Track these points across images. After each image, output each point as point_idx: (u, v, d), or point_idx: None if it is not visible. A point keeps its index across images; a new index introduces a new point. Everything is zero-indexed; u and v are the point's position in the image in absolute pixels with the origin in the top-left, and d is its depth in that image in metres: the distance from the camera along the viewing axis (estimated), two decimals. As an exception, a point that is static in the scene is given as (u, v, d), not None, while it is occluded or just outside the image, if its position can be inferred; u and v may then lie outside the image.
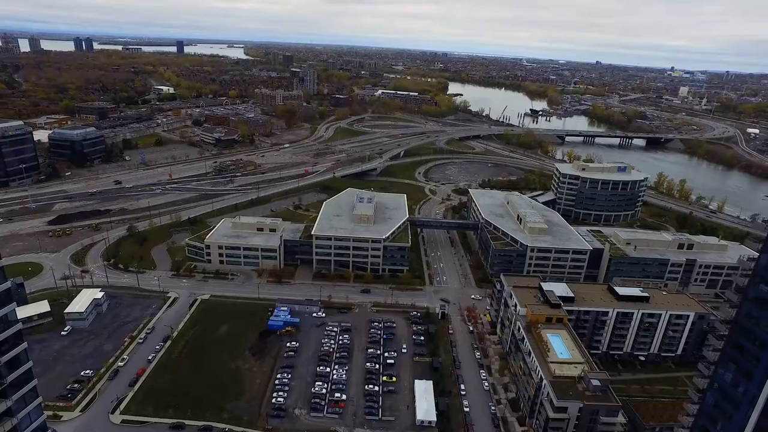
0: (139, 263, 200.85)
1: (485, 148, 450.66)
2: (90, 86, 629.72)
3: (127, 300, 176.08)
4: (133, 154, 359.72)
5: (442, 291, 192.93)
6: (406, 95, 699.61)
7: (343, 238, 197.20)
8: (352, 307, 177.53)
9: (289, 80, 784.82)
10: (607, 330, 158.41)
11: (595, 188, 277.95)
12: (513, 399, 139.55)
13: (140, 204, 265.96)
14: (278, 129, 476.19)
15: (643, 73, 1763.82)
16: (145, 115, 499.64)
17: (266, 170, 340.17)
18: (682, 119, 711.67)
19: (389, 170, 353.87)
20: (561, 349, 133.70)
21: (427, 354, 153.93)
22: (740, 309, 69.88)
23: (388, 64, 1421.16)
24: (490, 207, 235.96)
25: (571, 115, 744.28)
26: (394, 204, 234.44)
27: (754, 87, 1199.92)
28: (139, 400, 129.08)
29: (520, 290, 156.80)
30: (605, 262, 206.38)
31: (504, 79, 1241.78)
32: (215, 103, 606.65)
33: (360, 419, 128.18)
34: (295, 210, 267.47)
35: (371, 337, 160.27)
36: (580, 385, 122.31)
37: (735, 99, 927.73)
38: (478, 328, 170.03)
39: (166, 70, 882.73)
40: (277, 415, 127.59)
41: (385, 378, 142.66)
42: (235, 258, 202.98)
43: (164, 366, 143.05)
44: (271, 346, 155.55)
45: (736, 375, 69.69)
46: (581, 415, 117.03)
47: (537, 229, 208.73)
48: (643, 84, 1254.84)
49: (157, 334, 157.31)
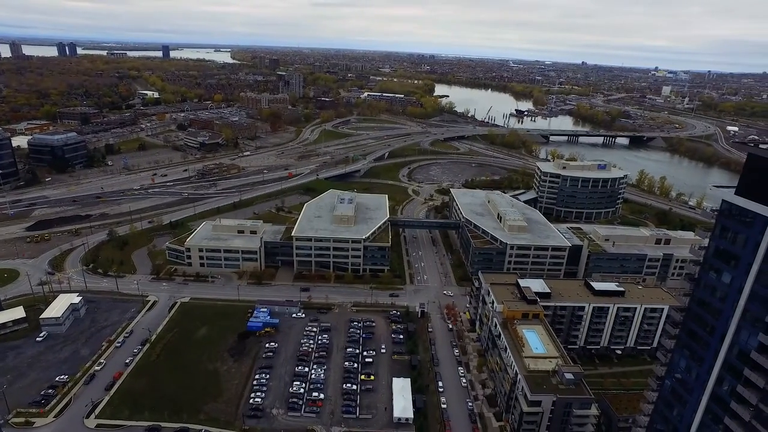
0: (118, 267, 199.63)
1: (469, 148, 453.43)
2: (73, 91, 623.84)
3: (106, 304, 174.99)
4: (115, 159, 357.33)
5: (423, 290, 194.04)
6: (391, 97, 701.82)
7: (323, 238, 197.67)
8: (332, 307, 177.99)
9: (275, 84, 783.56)
10: (584, 325, 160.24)
11: (575, 186, 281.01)
12: (490, 395, 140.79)
13: (122, 209, 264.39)
14: (263, 132, 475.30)
15: (628, 73, 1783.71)
16: (129, 120, 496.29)
17: (250, 173, 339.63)
18: (665, 118, 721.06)
19: (373, 171, 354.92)
20: (536, 344, 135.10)
21: (405, 352, 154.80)
22: (692, 297, 71.67)
23: (375, 67, 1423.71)
24: (471, 206, 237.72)
25: (556, 115, 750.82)
26: (375, 204, 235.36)
27: (735, 86, 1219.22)
28: (114, 403, 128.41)
29: (497, 287, 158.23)
30: (584, 258, 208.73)
31: (490, 80, 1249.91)
32: (200, 107, 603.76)
33: (337, 418, 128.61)
34: (277, 212, 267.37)
35: (350, 337, 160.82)
36: (554, 378, 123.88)
37: (716, 98, 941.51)
38: (457, 325, 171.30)
39: (151, 75, 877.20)
40: (254, 416, 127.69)
41: (363, 377, 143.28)
42: (216, 260, 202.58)
43: (141, 369, 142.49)
44: (250, 347, 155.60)
45: (690, 361, 71.40)
46: (555, 408, 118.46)
47: (516, 227, 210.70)
48: (628, 84, 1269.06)
49: (135, 337, 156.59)
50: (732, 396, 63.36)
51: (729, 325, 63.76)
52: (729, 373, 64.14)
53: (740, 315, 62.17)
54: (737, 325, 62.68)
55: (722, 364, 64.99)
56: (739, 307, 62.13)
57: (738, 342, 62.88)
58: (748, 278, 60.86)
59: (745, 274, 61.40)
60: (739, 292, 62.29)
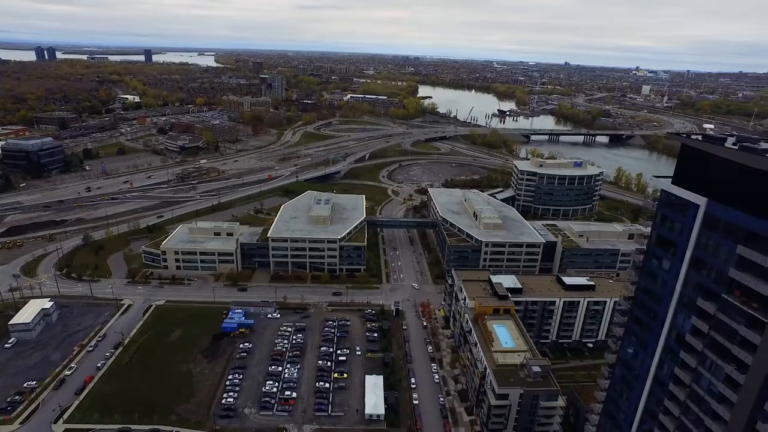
0: (93, 272, 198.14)
1: (451, 148, 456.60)
2: (51, 96, 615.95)
3: (79, 309, 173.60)
4: (93, 164, 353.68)
5: (399, 288, 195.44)
6: (374, 99, 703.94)
7: (299, 239, 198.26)
8: (307, 307, 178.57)
9: (258, 87, 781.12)
10: (555, 319, 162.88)
11: (552, 183, 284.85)
12: (462, 390, 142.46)
13: (98, 213, 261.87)
14: (244, 135, 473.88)
15: (610, 72, 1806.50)
16: (109, 125, 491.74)
17: (230, 176, 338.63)
18: (644, 116, 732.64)
19: (354, 173, 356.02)
20: (506, 338, 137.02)
21: (379, 350, 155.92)
22: (638, 285, 73.87)
23: (359, 69, 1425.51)
24: (448, 205, 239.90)
25: (538, 114, 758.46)
26: (352, 205, 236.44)
27: (712, 85, 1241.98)
28: (84, 407, 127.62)
29: (470, 284, 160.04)
30: (559, 254, 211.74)
31: (474, 81, 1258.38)
32: (182, 111, 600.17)
33: (309, 416, 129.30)
34: (256, 214, 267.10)
35: (325, 336, 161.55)
36: (522, 372, 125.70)
37: (694, 96, 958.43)
38: (432, 323, 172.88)
39: (133, 79, 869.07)
40: (226, 415, 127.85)
41: (336, 375, 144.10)
42: (192, 263, 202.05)
43: (113, 373, 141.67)
44: (224, 348, 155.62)
45: (637, 347, 73.56)
46: (522, 401, 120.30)
47: (492, 224, 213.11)
48: (609, 83, 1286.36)
49: (108, 341, 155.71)
50: (670, 378, 65.53)
51: (668, 310, 65.96)
52: (668, 357, 66.33)
53: (677, 300, 64.39)
54: (675, 310, 64.90)
55: (662, 349, 67.21)
56: (676, 293, 64.35)
57: (675, 326, 65.09)
58: (683, 264, 63.06)
59: (681, 261, 63.62)
60: (676, 278, 64.50)
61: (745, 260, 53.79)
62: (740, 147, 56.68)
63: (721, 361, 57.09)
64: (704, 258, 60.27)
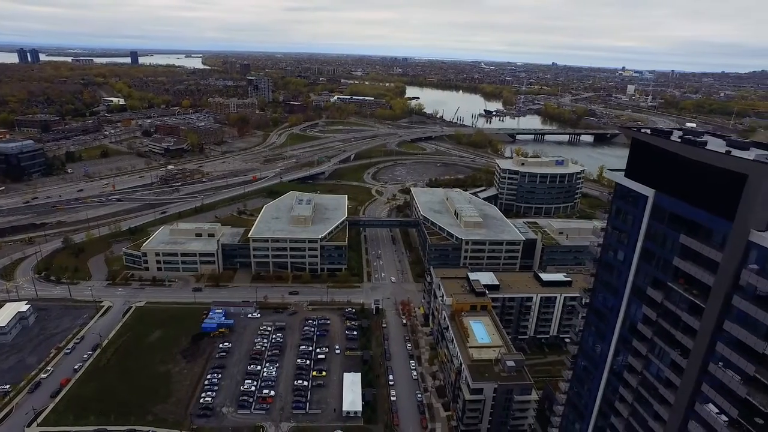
0: (72, 274, 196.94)
1: (436, 148, 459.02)
2: (33, 99, 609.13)
3: (57, 312, 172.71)
4: (76, 167, 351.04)
5: (380, 287, 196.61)
6: (361, 100, 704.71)
7: (280, 239, 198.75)
8: (288, 306, 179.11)
9: (245, 89, 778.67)
10: (533, 315, 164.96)
11: (534, 182, 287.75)
12: (440, 386, 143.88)
13: (79, 216, 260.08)
14: (230, 137, 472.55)
15: (596, 73, 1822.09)
16: (92, 127, 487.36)
17: (214, 178, 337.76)
18: (629, 116, 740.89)
19: (338, 173, 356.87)
20: (482, 334, 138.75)
21: (358, 348, 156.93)
22: (596, 277, 75.71)
23: (348, 70, 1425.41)
24: (430, 204, 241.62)
25: (524, 114, 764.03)
26: (335, 205, 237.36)
27: (696, 85, 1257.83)
28: (60, 410, 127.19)
29: (448, 281, 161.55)
30: (539, 251, 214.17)
31: (462, 81, 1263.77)
32: (167, 113, 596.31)
33: (287, 414, 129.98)
34: (239, 215, 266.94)
35: (304, 335, 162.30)
36: (497, 367, 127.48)
37: (678, 96, 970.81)
38: (411, 320, 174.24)
39: (118, 81, 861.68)
40: (204, 415, 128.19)
41: (315, 373, 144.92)
42: (173, 264, 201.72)
43: (90, 374, 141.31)
44: (204, 348, 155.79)
45: (596, 338, 75.38)
46: (496, 395, 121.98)
47: (472, 222, 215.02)
48: (596, 83, 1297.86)
49: (86, 343, 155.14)
50: (624, 366, 67.37)
51: (622, 300, 67.79)
52: (623, 346, 68.15)
53: (630, 290, 66.24)
54: (628, 299, 66.74)
55: (618, 338, 69.02)
56: (629, 283, 66.20)
57: (629, 316, 66.95)
58: (635, 255, 64.91)
59: (633, 251, 65.47)
60: (629, 268, 66.34)
61: (687, 249, 55.67)
62: (683, 140, 58.59)
63: (667, 348, 58.97)
64: (653, 248, 62.16)
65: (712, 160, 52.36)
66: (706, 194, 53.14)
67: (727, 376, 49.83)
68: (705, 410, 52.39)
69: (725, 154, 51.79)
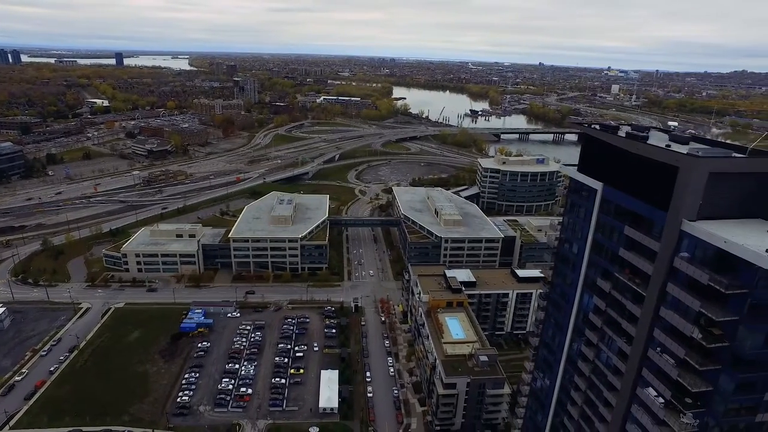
0: (50, 277, 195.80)
1: (420, 148, 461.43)
2: (14, 101, 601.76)
3: (34, 314, 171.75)
4: (57, 169, 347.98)
5: (360, 285, 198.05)
6: (347, 101, 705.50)
7: (260, 239, 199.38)
8: (267, 305, 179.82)
9: (231, 90, 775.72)
10: (509, 311, 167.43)
11: (515, 180, 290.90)
12: (416, 382, 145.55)
13: (59, 218, 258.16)
14: (215, 138, 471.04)
15: (583, 72, 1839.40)
16: (75, 129, 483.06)
17: (197, 179, 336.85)
18: (613, 114, 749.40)
19: (322, 173, 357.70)
20: (457, 330, 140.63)
21: (336, 346, 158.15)
22: (554, 269, 77.85)
23: (335, 71, 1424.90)
24: (411, 203, 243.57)
25: (510, 114, 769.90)
26: (316, 205, 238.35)
27: (679, 84, 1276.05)
28: (34, 412, 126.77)
29: (425, 278, 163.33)
30: (518, 248, 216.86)
31: (449, 82, 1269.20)
32: (152, 114, 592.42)
33: (264, 411, 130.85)
34: (222, 216, 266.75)
35: (283, 333, 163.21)
36: (470, 362, 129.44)
37: (662, 95, 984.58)
38: (390, 318, 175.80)
39: (102, 83, 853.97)
40: (181, 414, 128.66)
41: (293, 371, 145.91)
42: (154, 265, 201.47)
43: (66, 376, 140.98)
44: (182, 348, 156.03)
45: (554, 329, 77.50)
46: (469, 390, 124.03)
47: (452, 221, 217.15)
48: (581, 83, 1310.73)
49: (63, 345, 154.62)
50: (578, 356, 69.51)
51: (576, 291, 69.92)
52: (577, 336, 70.29)
53: (582, 281, 68.37)
54: (581, 290, 68.88)
55: (573, 329, 71.16)
56: (582, 274, 68.32)
57: (582, 306, 69.09)
58: (586, 247, 67.05)
59: (585, 244, 67.59)
60: (582, 260, 68.45)
61: (631, 240, 57.85)
62: (627, 135, 60.82)
63: (615, 336, 61.12)
64: (602, 240, 64.34)
65: (649, 154, 54.57)
66: (646, 186, 55.32)
67: (662, 360, 51.99)
68: (645, 394, 54.55)
69: (661, 148, 54.06)
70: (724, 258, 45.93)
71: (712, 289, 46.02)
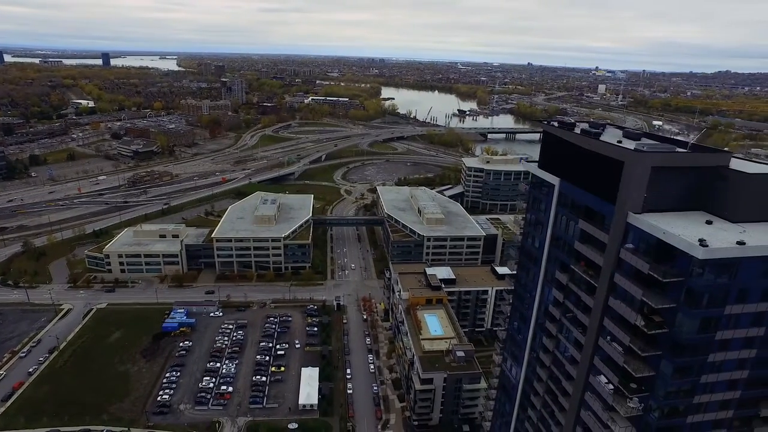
0: (31, 278, 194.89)
1: (407, 148, 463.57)
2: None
3: (14, 316, 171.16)
4: (40, 170, 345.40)
5: (343, 284, 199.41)
6: (335, 101, 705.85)
7: (243, 239, 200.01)
8: (250, 304, 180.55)
9: (218, 90, 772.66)
10: (489, 308, 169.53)
11: (498, 179, 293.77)
12: (396, 379, 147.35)
13: (42, 220, 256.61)
14: (201, 139, 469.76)
15: (571, 72, 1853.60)
16: (59, 130, 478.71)
17: (183, 180, 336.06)
18: (599, 114, 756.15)
19: (308, 173, 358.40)
20: (435, 327, 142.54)
21: (318, 344, 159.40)
22: (519, 264, 79.87)
23: (324, 72, 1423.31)
24: (395, 202, 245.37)
25: (497, 113, 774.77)
26: (300, 204, 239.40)
27: (665, 84, 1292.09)
28: (10, 414, 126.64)
29: (406, 276, 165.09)
30: (500, 246, 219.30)
31: (438, 82, 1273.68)
32: (138, 115, 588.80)
33: (244, 409, 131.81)
34: (206, 217, 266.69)
35: (265, 332, 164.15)
36: (447, 357, 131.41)
37: (647, 95, 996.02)
38: (372, 316, 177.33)
39: (88, 83, 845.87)
40: (161, 412, 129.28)
41: (273, 368, 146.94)
42: (137, 266, 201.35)
43: (46, 377, 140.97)
44: (164, 348, 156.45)
45: (519, 322, 79.50)
46: (446, 385, 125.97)
47: (434, 219, 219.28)
48: (569, 83, 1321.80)
49: (42, 346, 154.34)
50: (540, 347, 71.53)
51: (538, 285, 71.91)
52: (539, 328, 72.30)
53: (543, 275, 70.37)
54: (542, 284, 70.88)
55: (535, 321, 73.15)
56: (543, 268, 70.32)
57: (543, 299, 71.10)
58: (546, 241, 69.04)
59: (545, 238, 69.57)
60: (542, 254, 70.43)
61: (585, 233, 59.85)
62: (581, 131, 62.90)
63: (572, 327, 63.15)
64: (559, 234, 66.35)
65: (600, 150, 56.62)
66: (597, 181, 57.37)
67: (611, 348, 54.05)
68: (597, 381, 56.59)
69: (610, 143, 56.16)
70: (664, 248, 47.98)
71: (652, 278, 48.08)
